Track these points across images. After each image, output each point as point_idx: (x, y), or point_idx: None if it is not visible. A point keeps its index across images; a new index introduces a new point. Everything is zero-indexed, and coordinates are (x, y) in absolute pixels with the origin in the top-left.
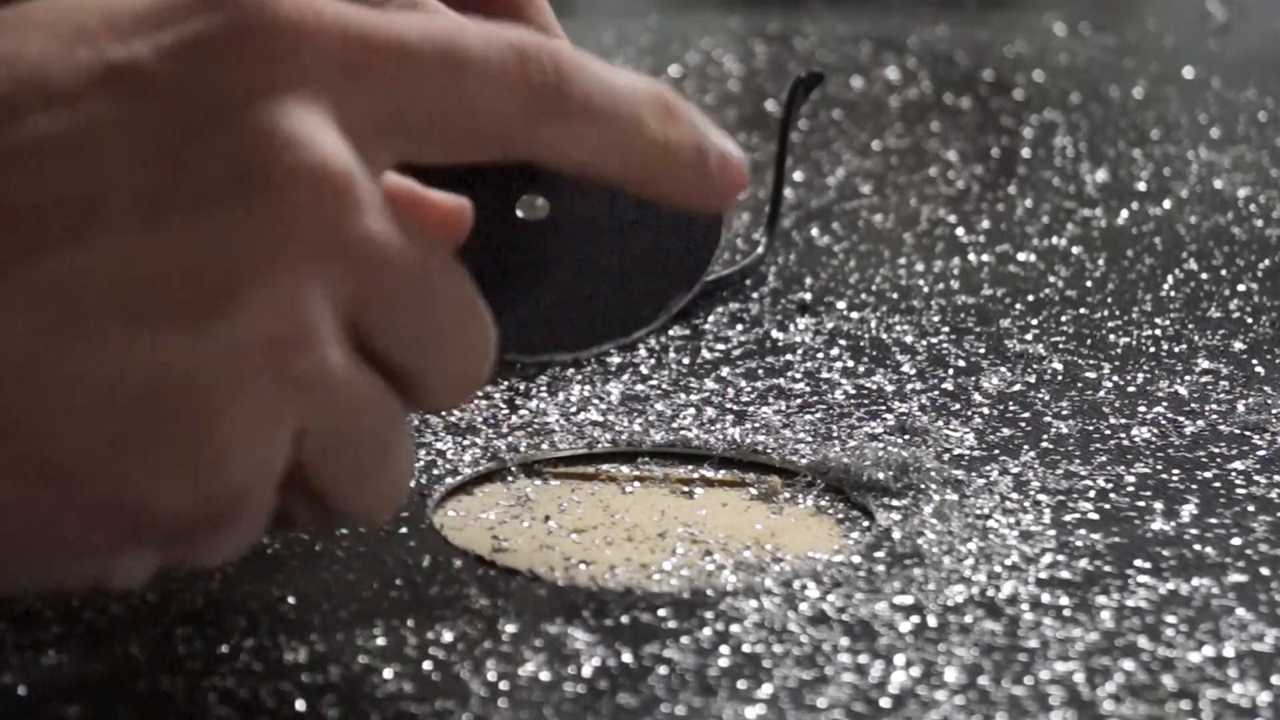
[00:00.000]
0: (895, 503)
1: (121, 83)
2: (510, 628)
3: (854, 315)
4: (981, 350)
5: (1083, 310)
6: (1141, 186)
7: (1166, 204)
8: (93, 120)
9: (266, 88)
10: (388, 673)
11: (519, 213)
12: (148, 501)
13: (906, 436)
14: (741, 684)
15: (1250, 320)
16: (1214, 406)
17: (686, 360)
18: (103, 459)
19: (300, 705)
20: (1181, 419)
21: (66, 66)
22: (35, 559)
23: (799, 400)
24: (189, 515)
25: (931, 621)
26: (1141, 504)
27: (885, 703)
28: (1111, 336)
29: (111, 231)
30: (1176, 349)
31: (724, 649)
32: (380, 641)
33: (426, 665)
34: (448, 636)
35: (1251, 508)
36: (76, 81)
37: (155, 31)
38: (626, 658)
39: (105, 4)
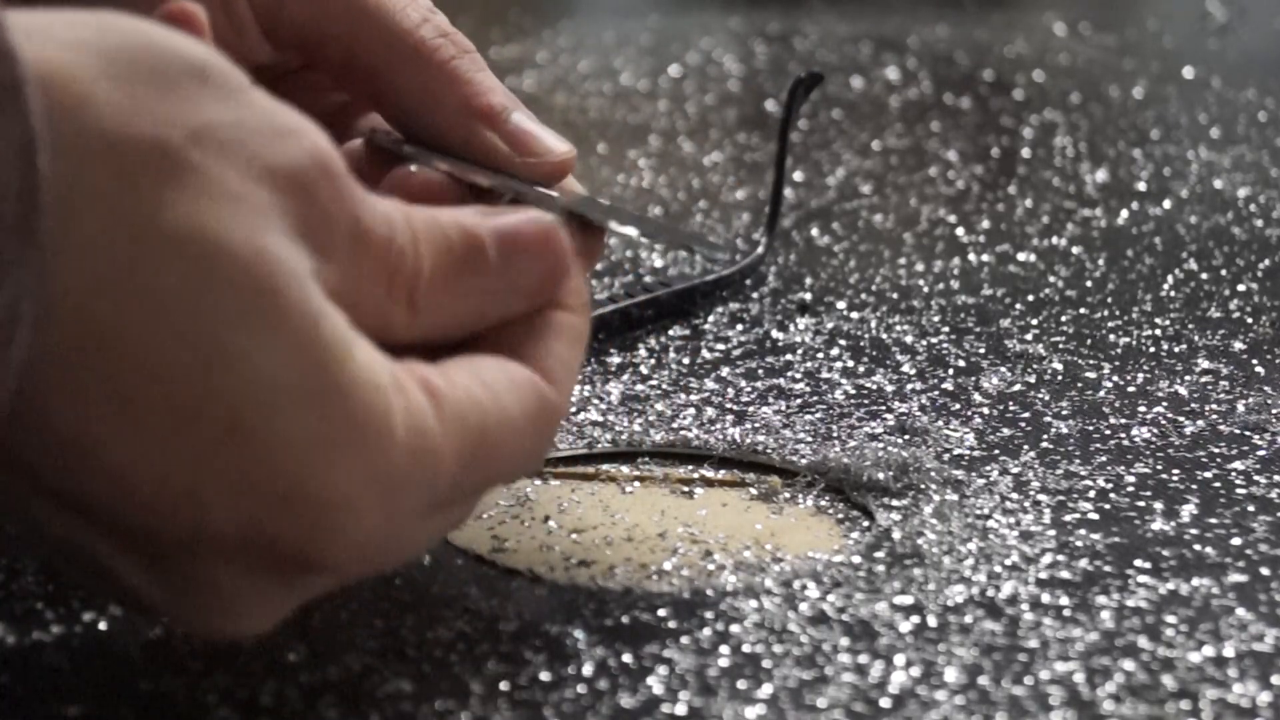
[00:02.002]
0: (895, 503)
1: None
2: (510, 628)
3: (854, 315)
4: (981, 350)
5: (1083, 310)
6: (1141, 186)
7: (1166, 204)
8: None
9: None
10: (388, 673)
11: None
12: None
13: (906, 436)
14: (741, 684)
15: (1250, 320)
16: (1214, 406)
17: (686, 360)
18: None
19: (300, 705)
20: (1181, 419)
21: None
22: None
23: (799, 400)
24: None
25: (931, 621)
26: (1141, 504)
27: (885, 703)
28: (1111, 336)
29: None
30: (1176, 349)
31: (724, 649)
32: (380, 641)
33: (426, 665)
34: (447, 636)
35: (1251, 508)
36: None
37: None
38: (626, 658)
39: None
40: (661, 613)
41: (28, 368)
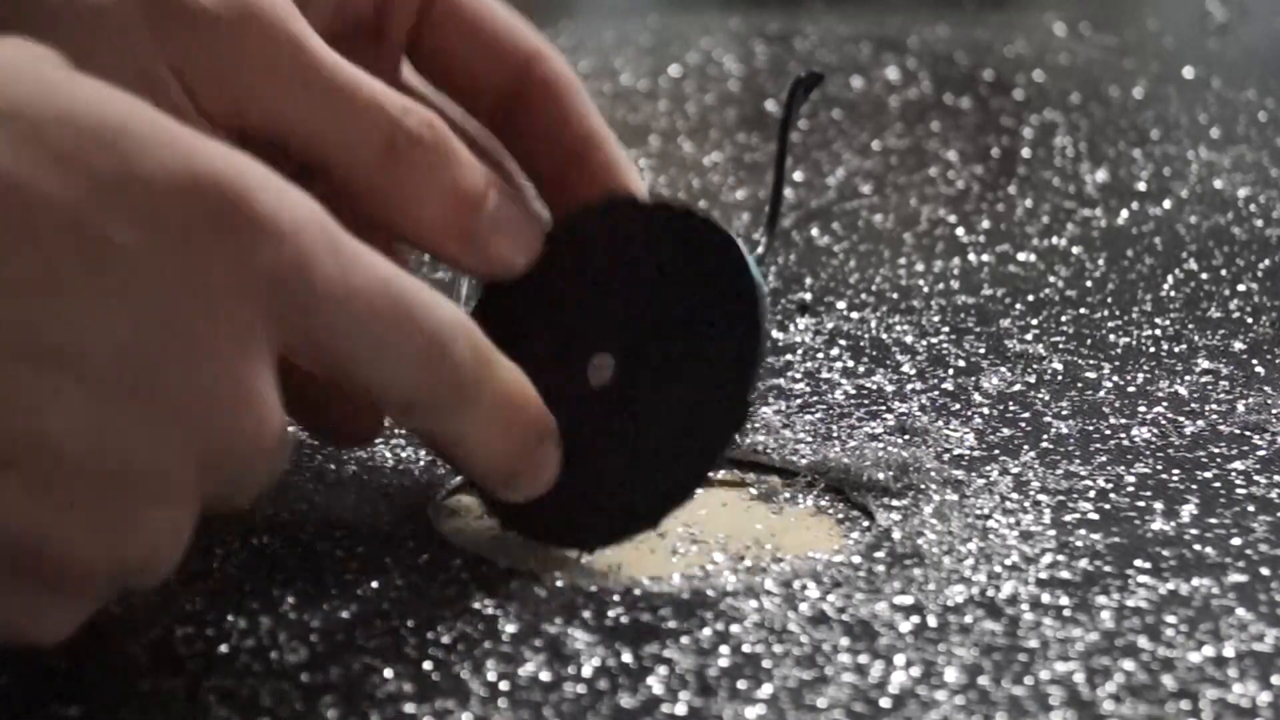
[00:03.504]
0: (895, 503)
1: (96, 251)
2: (510, 628)
3: (854, 315)
4: (981, 350)
5: (1083, 310)
6: (1141, 186)
7: (1166, 204)
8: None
9: (226, 294)
10: (388, 673)
11: (590, 380)
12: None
13: (906, 436)
14: (741, 684)
15: (1250, 320)
16: (1214, 406)
17: None
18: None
19: (300, 705)
20: (1181, 419)
21: (52, 193)
22: None
23: (799, 400)
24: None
25: (931, 621)
26: (1141, 504)
27: (885, 703)
28: (1111, 336)
29: (81, 386)
30: (1176, 349)
31: (724, 649)
32: (380, 641)
33: (426, 665)
34: (447, 637)
35: (1251, 508)
36: (58, 218)
37: (142, 207)
38: (626, 658)
39: (87, 124)
40: (661, 613)
41: None
